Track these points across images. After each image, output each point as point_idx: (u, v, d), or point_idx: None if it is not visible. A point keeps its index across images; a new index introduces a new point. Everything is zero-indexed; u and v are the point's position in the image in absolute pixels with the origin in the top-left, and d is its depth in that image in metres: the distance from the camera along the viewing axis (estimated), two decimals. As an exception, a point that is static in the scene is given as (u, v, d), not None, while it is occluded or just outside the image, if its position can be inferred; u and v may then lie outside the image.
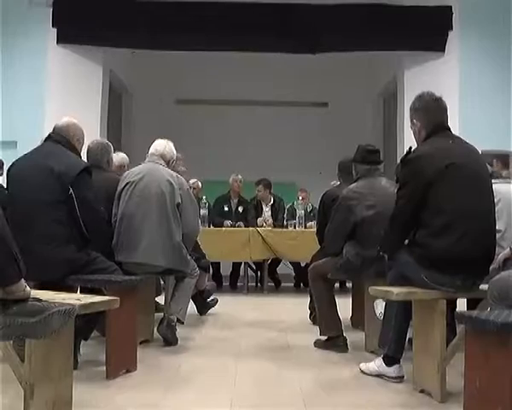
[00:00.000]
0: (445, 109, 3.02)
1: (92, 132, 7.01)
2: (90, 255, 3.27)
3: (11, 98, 7.01)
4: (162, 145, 4.09)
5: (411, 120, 3.08)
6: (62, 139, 3.34)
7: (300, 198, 7.38)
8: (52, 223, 3.14)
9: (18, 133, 6.71)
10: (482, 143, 3.78)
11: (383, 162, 4.13)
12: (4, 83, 7.00)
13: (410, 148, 3.00)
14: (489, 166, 3.29)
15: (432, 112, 2.99)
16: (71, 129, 3.40)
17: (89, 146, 4.00)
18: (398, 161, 4.78)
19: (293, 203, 7.67)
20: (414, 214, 2.88)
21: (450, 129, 3.03)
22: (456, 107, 6.84)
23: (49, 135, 3.38)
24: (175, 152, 4.17)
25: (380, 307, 3.30)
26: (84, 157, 3.62)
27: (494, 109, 7.15)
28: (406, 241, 2.99)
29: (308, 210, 7.51)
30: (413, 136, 3.12)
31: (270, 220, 7.37)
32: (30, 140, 4.20)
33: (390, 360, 3.09)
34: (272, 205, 7.64)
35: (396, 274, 3.04)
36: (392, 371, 3.08)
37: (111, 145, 4.08)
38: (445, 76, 7.20)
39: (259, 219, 7.27)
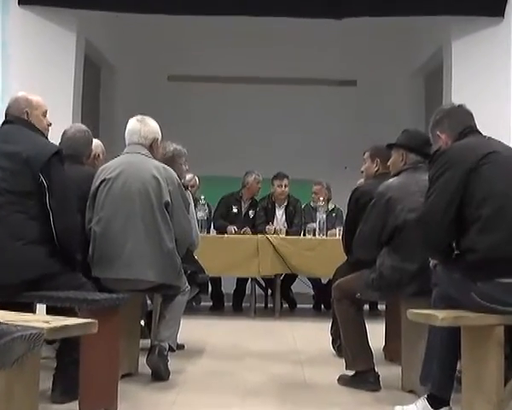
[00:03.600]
0: (471, 114, 3.18)
1: (63, 115, 7.04)
2: (62, 265, 3.29)
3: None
4: (136, 127, 4.05)
5: (433, 136, 3.21)
6: (22, 121, 3.37)
7: (314, 194, 7.35)
8: (20, 216, 3.17)
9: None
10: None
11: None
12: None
13: (439, 148, 3.09)
14: None
15: (457, 117, 3.14)
16: (26, 104, 3.43)
17: (65, 133, 4.02)
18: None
19: (309, 203, 7.67)
20: (449, 211, 2.88)
21: (481, 133, 3.15)
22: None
23: (7, 115, 3.43)
24: (157, 129, 4.12)
25: None
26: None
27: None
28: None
29: (329, 209, 7.49)
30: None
31: (284, 226, 7.37)
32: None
33: (436, 402, 3.06)
34: (287, 207, 7.64)
35: (441, 294, 3.03)
36: (439, 416, 3.07)
37: (91, 133, 4.11)
38: (502, 47, 7.17)
39: (268, 227, 7.20)
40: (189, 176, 6.58)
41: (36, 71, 7.06)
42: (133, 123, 4.10)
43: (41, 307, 3.83)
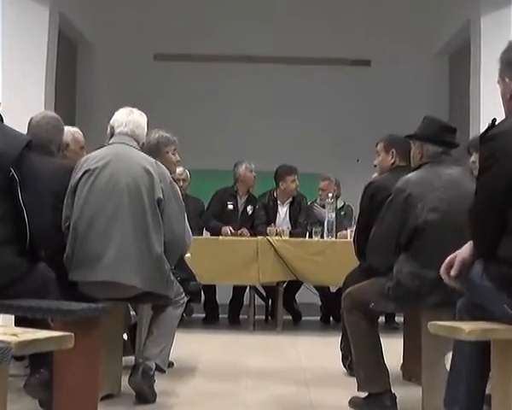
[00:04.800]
0: None
1: (33, 99, 7.05)
2: (33, 265, 3.32)
3: None
4: (126, 117, 4.08)
5: (501, 79, 3.05)
6: None
7: (322, 191, 7.35)
8: None
9: None
10: None
11: (458, 147, 4.12)
12: None
13: (494, 120, 2.98)
14: None
15: None
16: None
17: (32, 120, 4.02)
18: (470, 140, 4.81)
19: (314, 200, 7.67)
20: (501, 211, 2.86)
21: None
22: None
23: None
24: (143, 120, 4.16)
25: None
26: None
27: None
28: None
29: (338, 207, 7.51)
30: (501, 100, 3.08)
31: (288, 227, 7.37)
32: None
33: (463, 428, 3.06)
34: (291, 204, 7.65)
35: (468, 304, 3.03)
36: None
37: (62, 121, 4.11)
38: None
39: (270, 229, 7.18)
40: (179, 169, 6.57)
41: (5, 48, 7.05)
42: (123, 112, 4.13)
43: (6, 317, 3.82)
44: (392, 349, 4.28)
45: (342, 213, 7.58)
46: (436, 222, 3.67)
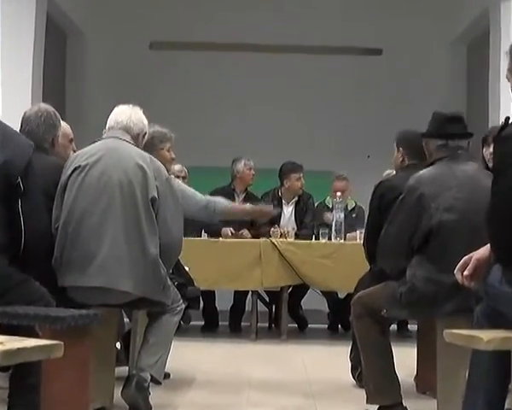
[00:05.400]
0: None
1: (21, 90, 7.06)
2: (20, 274, 3.33)
3: None
4: (126, 114, 4.11)
5: (510, 74, 3.07)
6: None
7: (336, 193, 7.32)
8: None
9: None
10: None
11: (471, 137, 4.11)
12: None
13: (507, 119, 2.99)
14: None
15: None
16: None
17: (25, 115, 4.02)
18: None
19: (323, 200, 7.66)
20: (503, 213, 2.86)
21: None
22: None
23: None
24: (145, 123, 4.20)
25: None
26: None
27: None
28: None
29: (349, 209, 7.49)
30: None
31: (293, 228, 7.36)
32: None
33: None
34: (297, 203, 7.64)
35: (487, 310, 3.03)
36: None
37: (58, 115, 4.11)
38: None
39: (274, 230, 7.16)
40: (177, 166, 6.58)
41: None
42: (123, 108, 4.15)
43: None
44: (405, 359, 4.29)
45: (354, 215, 7.53)
46: (452, 223, 3.68)
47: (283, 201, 7.66)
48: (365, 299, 4.01)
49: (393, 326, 6.00)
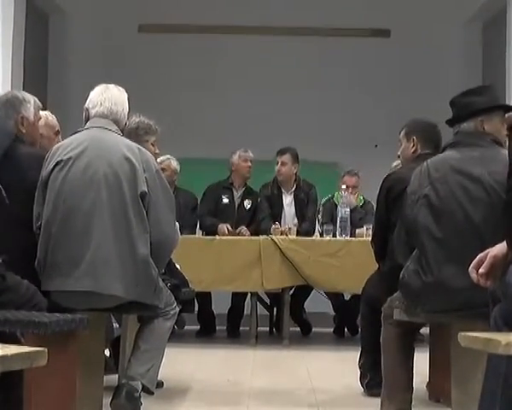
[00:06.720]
0: None
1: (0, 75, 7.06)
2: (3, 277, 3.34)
3: None
4: (103, 96, 4.05)
5: None
6: None
7: (345, 188, 7.32)
8: None
9: None
10: None
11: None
12: None
13: None
14: None
15: None
16: None
17: None
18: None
19: (332, 196, 7.65)
20: None
21: None
22: None
23: None
24: (127, 106, 4.15)
25: None
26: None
27: None
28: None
29: (359, 205, 7.49)
30: None
31: (295, 223, 7.37)
32: None
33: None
34: (296, 194, 7.63)
35: (505, 312, 3.03)
36: None
37: (25, 99, 4.08)
38: None
39: (274, 227, 7.16)
40: (161, 158, 6.51)
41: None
42: (97, 91, 4.11)
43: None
44: (417, 365, 4.28)
45: (363, 212, 7.48)
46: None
47: (283, 190, 7.64)
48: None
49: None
